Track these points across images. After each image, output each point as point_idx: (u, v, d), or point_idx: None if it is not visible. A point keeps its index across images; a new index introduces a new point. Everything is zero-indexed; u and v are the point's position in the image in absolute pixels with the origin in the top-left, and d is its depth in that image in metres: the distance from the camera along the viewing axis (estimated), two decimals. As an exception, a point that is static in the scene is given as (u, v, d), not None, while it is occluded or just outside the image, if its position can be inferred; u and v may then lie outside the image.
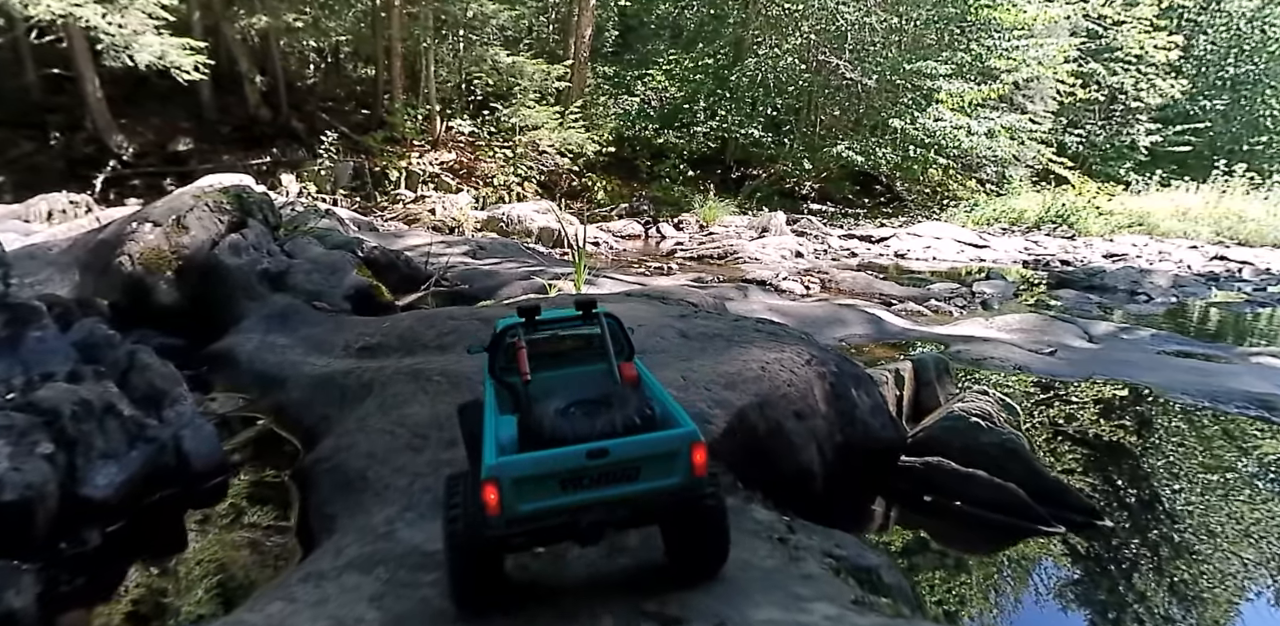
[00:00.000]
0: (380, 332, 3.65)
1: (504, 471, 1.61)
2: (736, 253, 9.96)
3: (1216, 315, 8.03)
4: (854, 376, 2.99)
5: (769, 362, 2.79)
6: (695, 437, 1.70)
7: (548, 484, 1.64)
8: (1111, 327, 6.29)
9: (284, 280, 4.49)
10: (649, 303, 4.05)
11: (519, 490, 1.63)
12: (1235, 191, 20.18)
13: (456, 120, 15.82)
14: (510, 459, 1.64)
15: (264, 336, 3.88)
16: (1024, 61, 18.28)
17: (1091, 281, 8.68)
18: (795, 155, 18.27)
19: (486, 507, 1.62)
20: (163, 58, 9.78)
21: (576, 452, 1.64)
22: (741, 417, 2.51)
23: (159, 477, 2.57)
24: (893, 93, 18.21)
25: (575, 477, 1.66)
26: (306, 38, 15.10)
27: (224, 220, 4.61)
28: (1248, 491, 3.23)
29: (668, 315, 3.54)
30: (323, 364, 3.47)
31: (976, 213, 18.14)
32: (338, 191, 13.32)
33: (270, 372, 3.52)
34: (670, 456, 1.70)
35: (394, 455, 2.39)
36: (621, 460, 1.67)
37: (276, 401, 3.30)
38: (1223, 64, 28.44)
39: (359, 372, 3.12)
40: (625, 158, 17.75)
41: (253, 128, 14.57)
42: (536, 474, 1.63)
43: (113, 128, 12.79)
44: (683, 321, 3.38)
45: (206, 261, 4.36)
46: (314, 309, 4.29)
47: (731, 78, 18.28)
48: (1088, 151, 25.34)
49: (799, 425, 2.61)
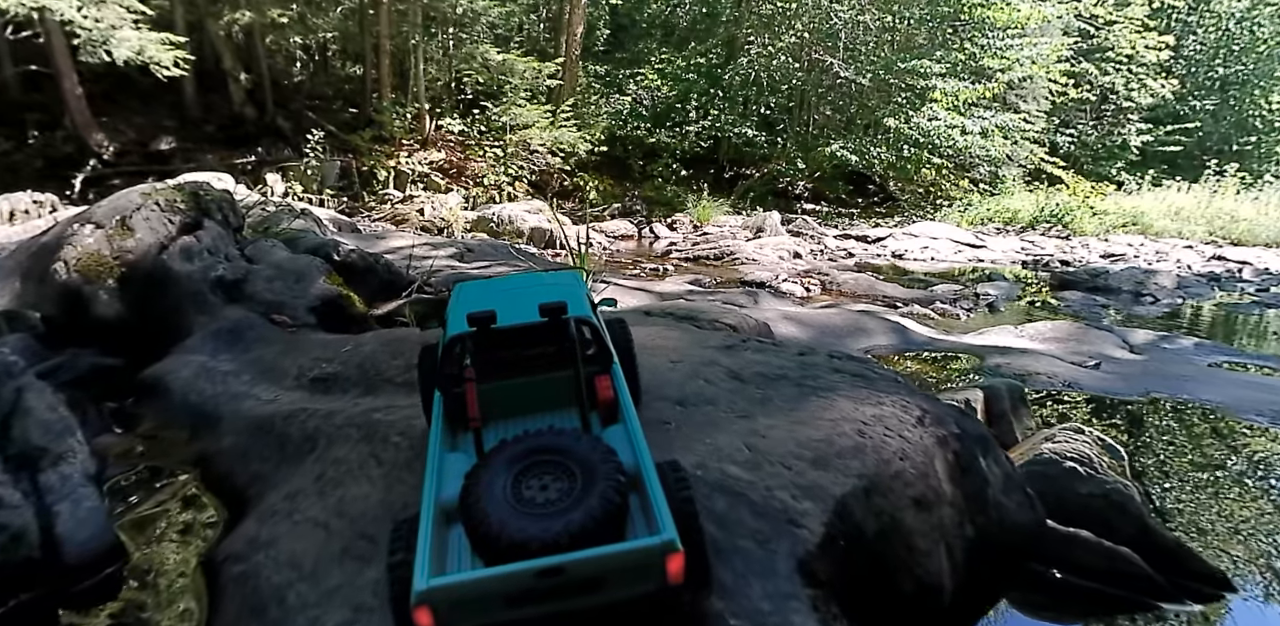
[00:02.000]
0: (339, 358, 3.06)
1: (439, 596, 1.36)
2: (733, 253, 9.78)
3: (1229, 318, 7.88)
4: (979, 438, 2.27)
5: (867, 423, 2.07)
6: (672, 548, 1.41)
7: (491, 600, 1.41)
8: (1151, 336, 5.93)
9: (241, 289, 3.97)
10: (677, 325, 3.48)
11: (457, 609, 1.39)
12: (1227, 191, 20.21)
13: (446, 119, 15.58)
14: (446, 582, 1.38)
15: (209, 358, 3.29)
16: (1017, 61, 18.24)
17: (1095, 282, 8.55)
18: (789, 155, 18.13)
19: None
20: (141, 53, 9.50)
21: (524, 572, 1.38)
22: (843, 514, 1.76)
23: (13, 577, 1.89)
24: (886, 92, 18.10)
25: (524, 595, 1.41)
26: (292, 34, 14.80)
27: (176, 221, 4.07)
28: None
29: (707, 345, 2.92)
30: (268, 398, 2.87)
31: (970, 212, 18.08)
32: (324, 191, 13.05)
33: (205, 408, 2.91)
34: (640, 569, 1.43)
35: (327, 567, 1.77)
36: (579, 577, 1.41)
37: (206, 449, 2.69)
38: (1212, 64, 28.54)
39: (304, 418, 2.54)
40: (617, 157, 17.56)
41: (237, 126, 14.28)
42: (478, 595, 1.39)
43: (93, 126, 12.48)
44: (730, 355, 2.72)
45: (153, 268, 3.81)
46: (272, 323, 3.75)
47: (725, 76, 18.12)
48: (1079, 151, 25.34)
49: (922, 519, 1.89)
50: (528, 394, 1.87)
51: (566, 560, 1.38)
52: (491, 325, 1.87)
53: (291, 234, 5.28)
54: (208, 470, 2.55)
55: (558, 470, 1.54)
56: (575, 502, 1.48)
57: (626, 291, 5.80)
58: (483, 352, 1.91)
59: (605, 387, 1.86)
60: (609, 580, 1.43)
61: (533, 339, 1.99)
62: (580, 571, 1.40)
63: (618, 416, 1.80)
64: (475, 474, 1.57)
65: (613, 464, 1.54)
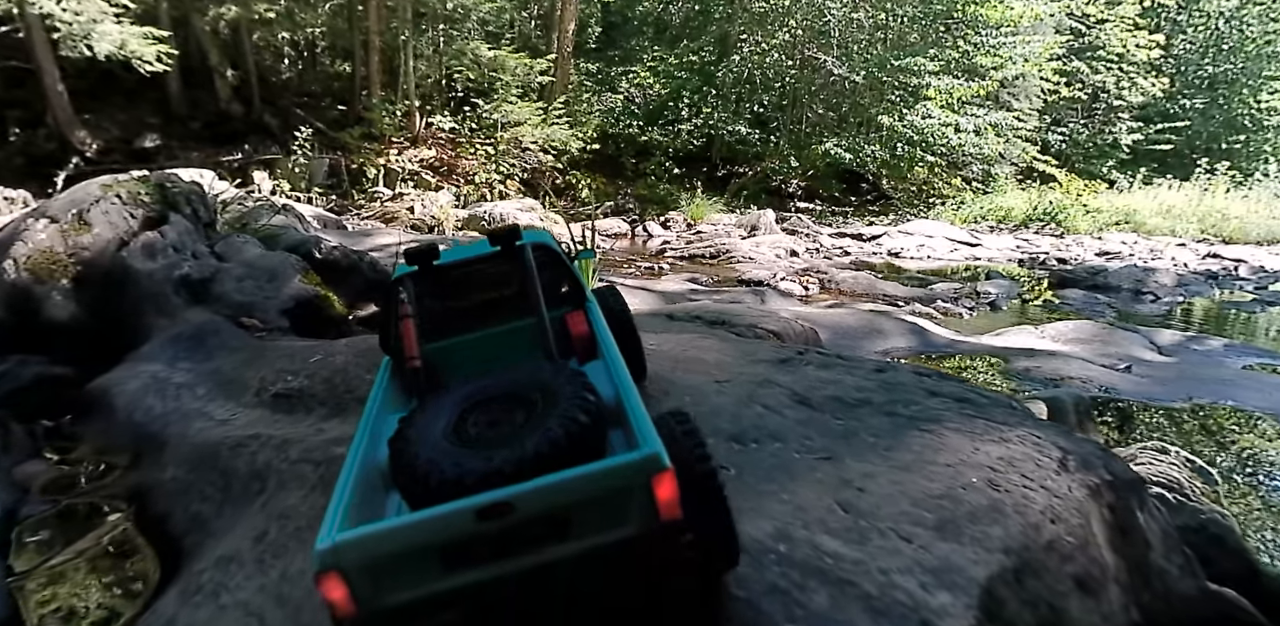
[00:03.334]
0: (306, 370, 2.70)
1: (347, 556, 1.02)
2: (729, 252, 9.66)
3: (1235, 316, 7.80)
4: (1131, 485, 1.74)
5: (996, 469, 1.58)
6: (658, 465, 1.07)
7: (423, 560, 1.06)
8: (1177, 337, 5.74)
9: (207, 289, 3.65)
10: (710, 333, 3.08)
11: (379, 577, 1.05)
12: (1217, 189, 20.25)
13: (437, 116, 15.39)
14: (355, 535, 1.04)
15: (165, 367, 2.93)
16: (1010, 59, 18.20)
17: (1095, 280, 8.48)
18: (782, 153, 18.04)
19: (333, 608, 1.04)
20: (123, 48, 9.28)
21: (459, 513, 1.05)
22: (991, 609, 1.24)
23: None
24: (879, 90, 18.03)
25: (463, 549, 1.07)
26: (280, 30, 14.58)
27: (138, 215, 3.72)
28: None
29: (757, 359, 2.43)
30: (222, 417, 2.51)
31: (964, 210, 18.04)
32: (313, 189, 12.85)
33: (150, 429, 2.53)
34: (619, 498, 1.08)
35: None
36: (533, 515, 1.07)
37: (146, 480, 2.29)
38: (1201, 63, 28.63)
39: (254, 448, 2.14)
40: (610, 155, 17.42)
41: (223, 124, 14.04)
42: (399, 552, 1.05)
43: (75, 123, 12.23)
44: (789, 372, 2.23)
45: (111, 266, 3.48)
46: (240, 328, 3.43)
47: (718, 74, 18.01)
48: (1071, 150, 25.35)
49: (1088, 607, 1.40)
50: (493, 348, 1.60)
51: (513, 492, 1.06)
52: (434, 260, 1.61)
53: (271, 230, 5.02)
54: (145, 507, 2.15)
55: (513, 404, 1.27)
56: (530, 429, 1.18)
57: (628, 291, 5.65)
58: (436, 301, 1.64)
59: (579, 323, 1.61)
60: (577, 520, 1.09)
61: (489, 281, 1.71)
62: (534, 506, 1.06)
63: (596, 352, 1.57)
64: (410, 417, 1.29)
65: (579, 383, 1.25)
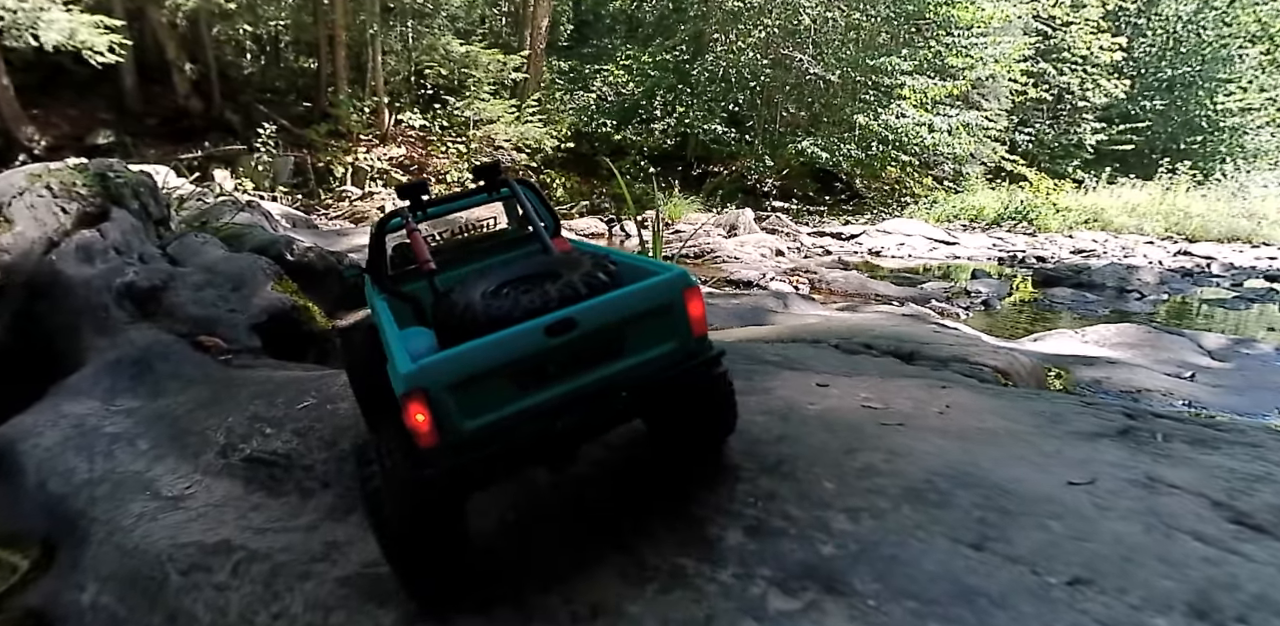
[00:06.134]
0: (294, 421, 1.98)
1: (432, 376, 1.10)
2: (714, 251, 9.49)
3: (1228, 314, 7.77)
4: None
5: None
6: (687, 281, 1.28)
7: (498, 385, 1.16)
8: (1223, 340, 5.48)
9: (158, 300, 2.97)
10: (937, 378, 2.30)
11: (460, 400, 1.13)
12: (1179, 188, 20.67)
13: (406, 113, 14.99)
14: (438, 357, 1.15)
15: (99, 407, 2.23)
16: (981, 59, 18.35)
17: (1079, 278, 8.47)
18: (757, 152, 17.97)
19: (418, 436, 1.10)
20: (73, 37, 8.77)
21: (531, 330, 1.17)
22: None
23: None
24: (853, 89, 18.04)
25: (536, 368, 1.19)
26: (241, 23, 14.05)
27: (72, 210, 3.08)
28: None
29: (1073, 430, 1.82)
30: (171, 492, 1.77)
31: (937, 209, 18.14)
32: (277, 188, 12.40)
33: (70, 509, 1.78)
34: (660, 313, 1.26)
35: None
36: (596, 330, 1.21)
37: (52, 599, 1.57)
38: (1160, 66, 29.28)
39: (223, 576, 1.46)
40: (584, 154, 17.16)
41: (182, 120, 13.50)
42: (480, 372, 1.14)
43: (22, 119, 11.63)
44: (1160, 457, 1.64)
45: (37, 272, 2.84)
46: (199, 350, 2.72)
47: (692, 73, 17.87)
48: (1037, 149, 25.72)
49: None
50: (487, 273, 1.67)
51: (578, 309, 1.21)
52: (424, 194, 1.71)
53: (235, 229, 4.42)
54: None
55: (539, 280, 1.38)
56: (570, 275, 1.33)
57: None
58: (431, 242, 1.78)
59: (562, 243, 1.78)
60: (629, 336, 1.26)
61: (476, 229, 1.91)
62: (595, 320, 1.21)
63: None
64: (448, 291, 1.42)
65: (597, 256, 1.42)
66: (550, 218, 1.84)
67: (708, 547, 1.46)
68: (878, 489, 1.61)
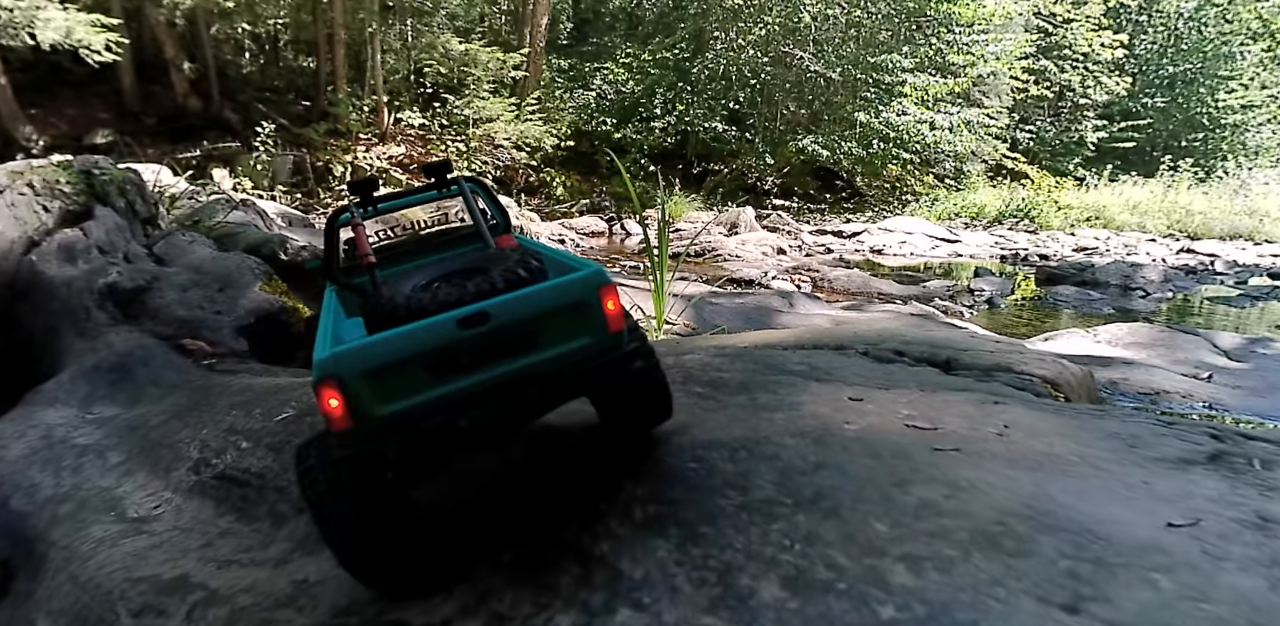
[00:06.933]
0: (269, 435, 1.90)
1: (345, 363, 1.16)
2: (715, 250, 9.44)
3: (1234, 312, 7.70)
4: None
5: None
6: (601, 279, 1.33)
7: (414, 374, 1.22)
8: (1239, 340, 5.33)
9: (142, 302, 2.86)
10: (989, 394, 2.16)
11: (375, 387, 1.18)
12: (1181, 186, 20.61)
13: (405, 112, 14.94)
14: (352, 346, 1.20)
15: (75, 415, 2.13)
16: (982, 57, 18.28)
17: (1083, 276, 8.42)
18: (757, 150, 17.91)
19: (331, 421, 1.16)
20: (69, 36, 8.72)
21: (443, 322, 1.23)
22: None
23: None
24: (853, 87, 17.98)
25: (450, 359, 1.24)
26: (240, 22, 14.00)
27: (54, 208, 2.99)
28: None
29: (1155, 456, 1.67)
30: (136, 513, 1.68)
31: (937, 207, 18.11)
32: (276, 187, 12.35)
33: (30, 528, 1.72)
34: (574, 311, 1.31)
35: None
36: (508, 324, 1.26)
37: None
38: (1161, 63, 29.20)
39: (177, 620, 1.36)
40: (584, 152, 17.11)
41: (180, 119, 13.44)
42: (393, 360, 1.19)
43: (20, 118, 11.58)
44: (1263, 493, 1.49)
45: (17, 273, 2.75)
46: (181, 353, 2.63)
47: (692, 71, 17.81)
48: (1038, 147, 25.66)
49: None
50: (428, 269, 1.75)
51: (491, 304, 1.26)
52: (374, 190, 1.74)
53: (227, 228, 4.33)
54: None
55: (467, 275, 1.46)
56: (492, 271, 1.40)
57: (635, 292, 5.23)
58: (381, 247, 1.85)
59: (507, 240, 1.84)
60: (543, 331, 1.30)
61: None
62: (508, 315, 1.26)
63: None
64: (376, 288, 1.50)
65: (522, 252, 1.49)
66: (500, 215, 1.94)
67: (739, 605, 1.25)
68: (941, 532, 1.37)
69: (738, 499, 1.54)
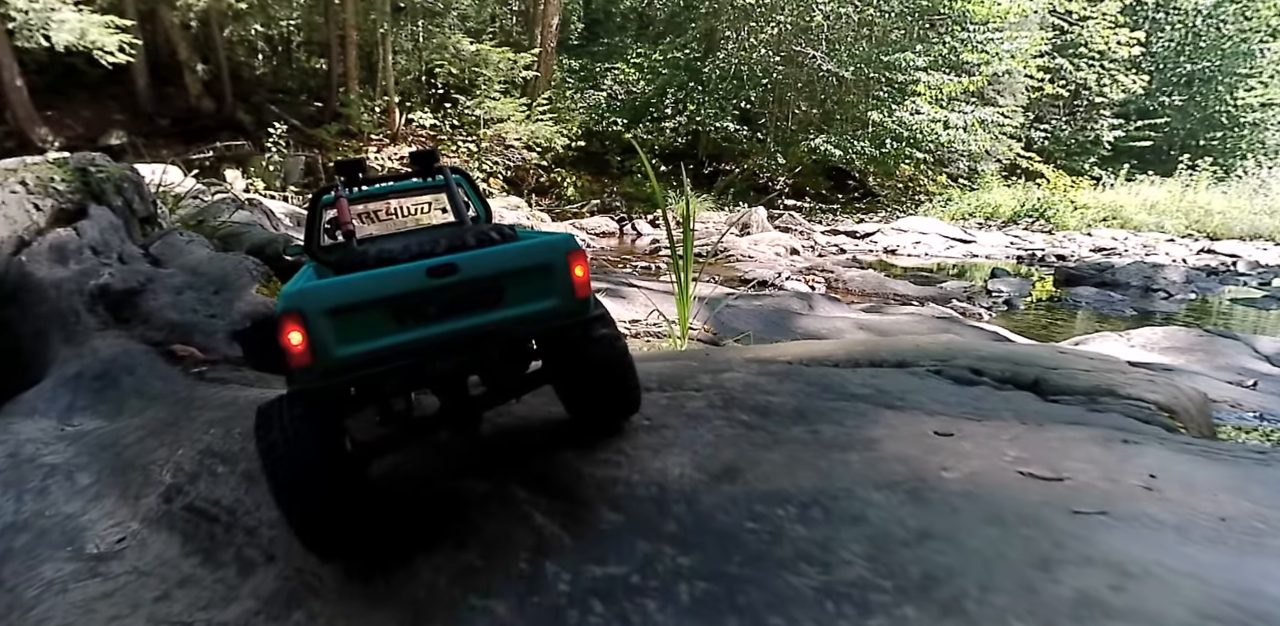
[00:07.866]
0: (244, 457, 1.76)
1: (310, 299, 1.17)
2: (727, 250, 9.36)
3: (1256, 314, 7.49)
4: None
5: None
6: (571, 245, 1.35)
7: (378, 318, 1.22)
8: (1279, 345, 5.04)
9: (134, 304, 2.72)
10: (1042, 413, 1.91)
11: (337, 328, 1.18)
12: (1199, 185, 20.32)
13: (417, 113, 14.95)
14: (319, 283, 1.21)
15: (52, 427, 1.98)
16: (996, 55, 18.10)
17: (1103, 277, 8.27)
18: (769, 150, 17.80)
19: (291, 357, 1.16)
20: (83, 37, 8.76)
21: (412, 270, 1.25)
22: None
23: None
24: (866, 86, 17.84)
25: (416, 306, 1.25)
26: (253, 24, 14.05)
27: (46, 207, 2.89)
28: None
29: None
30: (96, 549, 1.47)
31: (951, 207, 17.95)
32: (288, 187, 12.36)
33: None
34: (541, 272, 1.34)
35: None
36: (475, 278, 1.28)
37: None
38: (1179, 61, 28.83)
39: None
40: (594, 153, 17.08)
41: (194, 120, 13.52)
42: (359, 301, 1.20)
43: (36, 120, 11.66)
44: None
45: (6, 273, 2.63)
46: (171, 360, 2.48)
47: (703, 70, 17.73)
48: (1053, 146, 25.40)
49: None
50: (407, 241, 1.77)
51: (460, 257, 1.27)
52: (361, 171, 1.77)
53: (232, 228, 4.31)
54: None
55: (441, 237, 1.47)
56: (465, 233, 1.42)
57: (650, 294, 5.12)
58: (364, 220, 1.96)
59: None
60: (508, 291, 1.31)
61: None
62: (476, 269, 1.27)
63: None
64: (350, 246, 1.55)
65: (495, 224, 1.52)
66: (482, 207, 2.03)
67: None
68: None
69: (817, 578, 1.19)
